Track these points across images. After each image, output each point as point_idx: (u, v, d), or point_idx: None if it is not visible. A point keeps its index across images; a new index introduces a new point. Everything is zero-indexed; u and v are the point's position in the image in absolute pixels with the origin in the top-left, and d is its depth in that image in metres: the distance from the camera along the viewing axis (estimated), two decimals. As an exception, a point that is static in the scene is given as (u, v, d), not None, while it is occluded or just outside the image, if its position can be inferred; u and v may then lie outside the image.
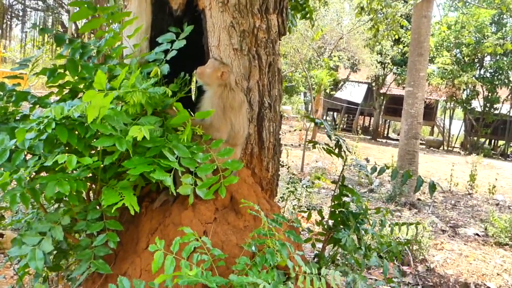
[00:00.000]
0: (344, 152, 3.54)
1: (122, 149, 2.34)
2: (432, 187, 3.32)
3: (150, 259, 2.80)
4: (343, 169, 3.66)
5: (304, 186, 6.47)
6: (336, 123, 41.34)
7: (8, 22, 18.36)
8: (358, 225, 3.36)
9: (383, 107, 37.25)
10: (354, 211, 3.51)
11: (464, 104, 31.44)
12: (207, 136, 2.80)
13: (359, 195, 3.50)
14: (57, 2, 17.64)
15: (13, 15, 18.22)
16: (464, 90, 31.27)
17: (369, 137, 35.69)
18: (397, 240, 5.51)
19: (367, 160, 3.63)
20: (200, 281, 2.14)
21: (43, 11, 17.92)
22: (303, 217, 6.15)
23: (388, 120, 42.78)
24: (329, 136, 3.55)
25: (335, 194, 3.62)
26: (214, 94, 2.94)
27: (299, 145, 19.62)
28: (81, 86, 2.97)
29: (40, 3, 18.04)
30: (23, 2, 17.82)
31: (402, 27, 17.08)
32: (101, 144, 2.36)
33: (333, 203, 3.62)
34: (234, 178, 2.73)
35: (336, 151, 3.66)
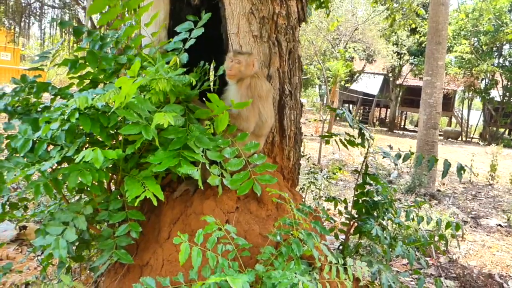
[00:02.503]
0: (367, 140, 3.45)
1: (148, 137, 2.31)
2: (461, 169, 3.21)
3: (172, 249, 2.79)
4: (366, 157, 3.58)
5: (325, 176, 6.39)
6: (352, 115, 40.93)
7: (26, 21, 18.52)
8: (383, 214, 3.29)
9: (399, 98, 36.81)
10: (378, 200, 3.44)
11: (483, 94, 30.83)
12: (233, 128, 2.76)
13: (385, 183, 3.42)
14: (74, -1, 17.76)
15: (30, 13, 18.38)
16: (482, 79, 30.70)
17: (385, 129, 35.32)
18: (419, 230, 5.41)
19: (391, 147, 3.55)
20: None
21: (60, 9, 18.05)
22: (322, 208, 6.08)
23: (405, 112, 42.30)
24: (351, 126, 3.47)
25: (359, 182, 3.55)
26: (242, 83, 2.89)
27: (312, 135, 19.53)
28: (101, 77, 2.95)
29: (57, 0, 18.17)
30: (41, 0, 17.97)
31: (418, 16, 16.83)
32: (127, 131, 2.33)
33: (356, 192, 3.54)
34: (273, 179, 2.71)
35: (358, 140, 3.59)
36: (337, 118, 32.31)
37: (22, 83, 2.92)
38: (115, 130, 2.67)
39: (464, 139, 33.44)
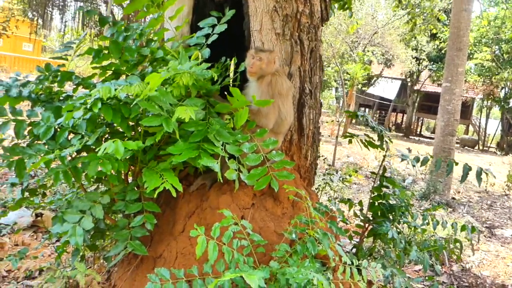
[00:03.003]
0: (386, 142, 3.43)
1: (169, 129, 2.32)
2: (480, 173, 3.16)
3: (187, 242, 2.80)
4: (383, 159, 3.55)
5: (341, 178, 6.37)
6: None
7: (49, 13, 18.76)
8: (399, 218, 3.26)
9: (416, 104, 36.46)
10: (394, 203, 3.40)
11: (502, 103, 30.35)
12: (252, 123, 2.76)
13: (402, 186, 3.39)
14: (96, -8, 17.94)
15: (53, 5, 18.61)
16: (502, 88, 30.23)
17: (401, 134, 35.01)
18: (433, 237, 5.35)
19: (409, 150, 3.51)
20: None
21: (83, 2, 18.24)
22: (339, 208, 6.06)
23: (421, 118, 41.88)
24: (372, 127, 3.44)
25: (375, 185, 3.52)
26: (262, 80, 2.89)
27: (329, 136, 19.44)
28: (124, 68, 2.97)
29: (79, -7, 18.38)
30: (64, -8, 18.21)
31: (439, 21, 16.64)
32: (149, 123, 2.35)
33: (372, 194, 3.51)
34: (290, 175, 2.71)
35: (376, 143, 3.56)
36: (353, 121, 32.14)
37: (46, 72, 2.96)
38: (136, 122, 2.70)
39: (481, 148, 32.97)
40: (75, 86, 3.05)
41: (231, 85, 3.21)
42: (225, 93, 2.75)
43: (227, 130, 2.56)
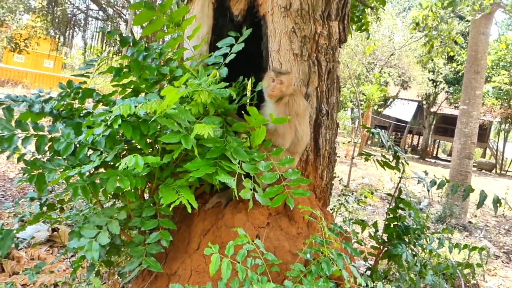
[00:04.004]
0: (402, 164, 3.41)
1: (188, 146, 2.35)
2: (497, 202, 3.12)
3: (201, 260, 2.80)
4: (399, 181, 3.53)
5: (356, 199, 6.33)
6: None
7: (70, 31, 19.20)
8: (414, 240, 3.22)
9: (433, 126, 36.16)
10: (410, 225, 3.37)
11: (520, 127, 29.97)
12: (268, 143, 2.78)
13: (418, 209, 3.35)
14: (117, 12, 18.33)
15: (75, 24, 19.06)
16: (520, 111, 29.86)
17: (417, 156, 34.67)
18: (448, 261, 5.26)
19: (426, 173, 3.48)
20: None
21: (103, 21, 18.66)
22: (353, 230, 6.01)
23: (438, 140, 41.48)
24: (387, 148, 3.43)
25: (391, 207, 3.49)
26: (280, 101, 2.91)
27: (345, 157, 19.33)
28: (143, 86, 3.03)
29: (101, 13, 18.80)
30: (85, 12, 18.64)
31: (456, 44, 16.60)
32: (168, 140, 2.39)
33: (388, 216, 3.49)
34: (306, 192, 2.70)
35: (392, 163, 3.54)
36: (368, 143, 31.94)
37: (68, 89, 3.03)
38: (154, 139, 2.73)
39: (498, 171, 32.45)
40: (95, 103, 3.11)
41: (248, 104, 3.24)
42: (242, 112, 2.78)
43: (244, 149, 2.58)
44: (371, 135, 3.65)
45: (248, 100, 3.27)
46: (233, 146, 2.51)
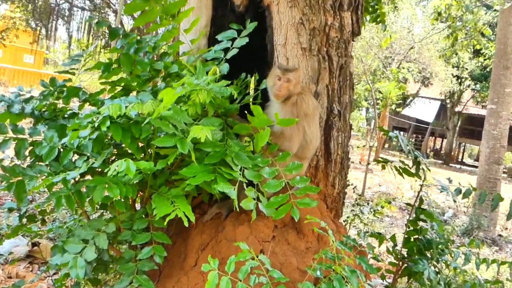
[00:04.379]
0: (423, 170, 3.41)
1: (184, 150, 2.35)
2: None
3: (199, 278, 2.80)
4: (420, 189, 3.52)
5: (372, 210, 6.32)
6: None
7: (54, 22, 19.26)
8: (438, 256, 3.21)
9: (457, 127, 36.08)
10: (432, 239, 3.36)
11: (556, 128, 29.86)
12: (273, 146, 2.78)
13: (441, 220, 3.34)
14: (105, 1, 18.39)
15: (59, 14, 19.12)
16: (556, 111, 29.79)
17: (440, 161, 34.59)
18: (475, 279, 5.24)
19: (450, 181, 3.48)
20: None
21: (90, 11, 18.72)
22: (369, 243, 5.98)
23: (463, 143, 41.39)
24: (406, 152, 3.43)
25: (411, 218, 3.49)
26: (287, 100, 2.91)
27: (360, 163, 19.30)
28: (135, 84, 3.04)
29: (87, 2, 18.87)
30: (70, 1, 18.71)
31: (484, 36, 16.57)
32: (162, 143, 2.39)
33: (407, 229, 3.48)
34: (312, 201, 2.67)
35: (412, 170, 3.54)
36: (385, 146, 31.87)
37: (51, 87, 3.04)
38: (146, 143, 2.74)
39: (531, 178, 32.31)
40: (81, 103, 3.12)
41: (251, 103, 3.24)
42: (246, 112, 2.78)
43: (246, 154, 2.58)
44: (388, 138, 3.65)
45: (251, 99, 3.28)
46: (234, 151, 2.51)
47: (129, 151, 2.78)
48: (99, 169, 2.70)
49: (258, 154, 2.69)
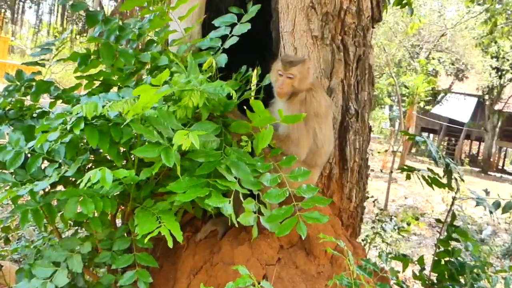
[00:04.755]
0: (456, 180, 3.40)
1: (169, 163, 2.32)
2: None
3: (191, 308, 2.80)
4: (453, 203, 3.52)
5: (396, 227, 6.30)
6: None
7: (21, 3, 19.32)
8: (472, 282, 3.21)
9: (497, 129, 36.04)
10: (466, 262, 3.36)
11: None
12: (276, 150, 2.76)
13: (477, 240, 3.34)
14: (81, -21, 18.46)
15: (26, -6, 19.19)
16: None
17: (477, 169, 34.53)
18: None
19: (487, 192, 3.48)
20: None
21: (64, -9, 18.76)
22: (392, 268, 5.96)
23: (505, 148, 41.33)
24: (435, 159, 3.43)
25: (441, 237, 3.48)
26: (295, 97, 2.91)
27: (381, 171, 19.27)
28: (116, 78, 3.04)
29: (60, -20, 18.93)
30: (40, -22, 18.79)
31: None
32: (143, 154, 2.38)
33: (438, 250, 3.48)
34: (322, 217, 2.61)
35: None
36: (412, 150, 31.84)
37: (18, 81, 3.04)
38: (129, 148, 2.73)
39: None
40: (52, 100, 3.12)
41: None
42: (245, 107, 2.75)
43: (246, 161, 2.56)
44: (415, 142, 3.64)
45: (252, 94, 3.27)
46: (231, 159, 2.49)
47: (109, 158, 2.78)
48: (73, 179, 2.70)
49: (258, 157, 2.67)
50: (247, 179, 2.53)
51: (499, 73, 31.51)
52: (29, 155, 2.73)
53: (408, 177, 3.73)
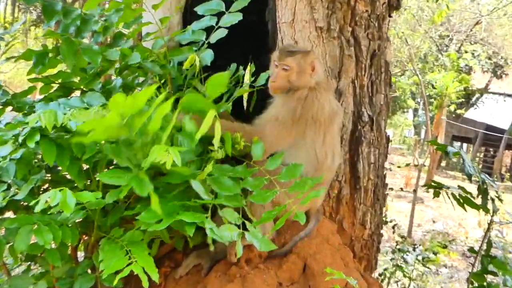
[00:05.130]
0: (493, 201, 3.41)
1: (142, 193, 2.27)
2: None
3: None
4: (489, 229, 3.52)
5: (419, 258, 6.26)
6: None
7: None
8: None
9: (545, 137, 36.19)
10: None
11: None
12: (274, 162, 2.75)
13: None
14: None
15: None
16: None
17: (520, 186, 34.65)
18: None
19: (530, 215, 3.49)
20: None
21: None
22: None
23: (554, 160, 41.47)
24: (468, 175, 3.43)
25: (475, 269, 3.49)
26: (294, 93, 2.91)
27: (402, 189, 19.22)
28: (78, 79, 3.04)
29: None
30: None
31: None
32: (110, 180, 2.35)
33: (471, 286, 3.48)
34: (317, 192, 2.61)
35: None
36: (442, 164, 31.84)
37: (-43, 85, 3.04)
38: (92, 166, 2.72)
39: None
40: (1, 107, 3.12)
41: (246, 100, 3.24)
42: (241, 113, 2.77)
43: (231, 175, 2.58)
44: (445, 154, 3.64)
45: (246, 95, 3.28)
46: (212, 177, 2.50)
47: (69, 177, 2.77)
48: (25, 203, 2.69)
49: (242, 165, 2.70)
50: (229, 193, 2.54)
51: (546, 69, 31.65)
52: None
53: (436, 195, 3.74)
